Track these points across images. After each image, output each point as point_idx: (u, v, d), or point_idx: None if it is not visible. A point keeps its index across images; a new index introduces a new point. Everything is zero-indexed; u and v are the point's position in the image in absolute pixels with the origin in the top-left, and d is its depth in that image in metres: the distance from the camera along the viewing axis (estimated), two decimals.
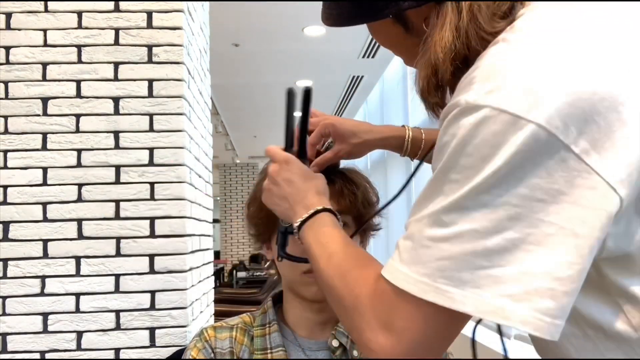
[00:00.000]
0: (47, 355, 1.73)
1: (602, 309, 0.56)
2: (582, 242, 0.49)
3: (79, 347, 1.75)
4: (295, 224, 0.73)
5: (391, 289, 0.55)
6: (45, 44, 1.82)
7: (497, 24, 0.56)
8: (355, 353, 0.87)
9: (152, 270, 1.79)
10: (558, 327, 0.49)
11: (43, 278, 1.76)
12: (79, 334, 1.75)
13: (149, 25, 1.84)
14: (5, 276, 1.75)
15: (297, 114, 0.83)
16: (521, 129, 0.48)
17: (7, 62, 1.80)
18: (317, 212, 0.73)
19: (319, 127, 0.90)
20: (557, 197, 0.49)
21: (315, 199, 0.75)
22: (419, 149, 0.94)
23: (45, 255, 1.76)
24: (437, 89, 0.61)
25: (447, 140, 0.53)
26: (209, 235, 2.28)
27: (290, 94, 0.82)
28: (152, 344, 1.77)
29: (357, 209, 0.87)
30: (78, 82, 1.82)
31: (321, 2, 0.72)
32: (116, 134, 1.81)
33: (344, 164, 0.96)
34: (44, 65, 1.81)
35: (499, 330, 0.80)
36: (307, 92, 0.81)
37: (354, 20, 0.66)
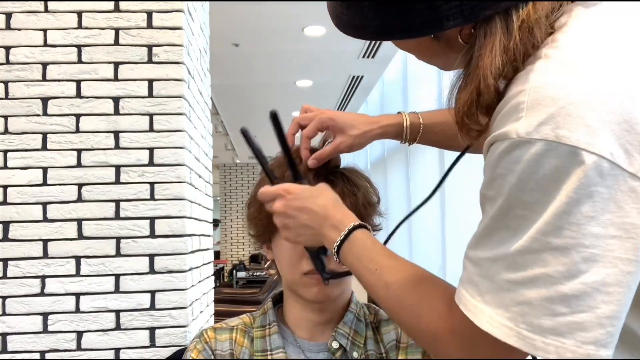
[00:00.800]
0: (47, 355, 1.73)
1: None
2: None
3: (79, 347, 1.75)
4: (333, 250, 0.72)
5: (472, 327, 0.54)
6: (45, 44, 1.81)
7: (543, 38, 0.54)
8: (355, 354, 0.87)
9: (152, 270, 1.79)
10: None
11: (43, 278, 1.76)
12: (79, 334, 1.75)
13: (149, 25, 1.84)
14: (5, 276, 1.75)
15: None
16: (583, 162, 0.46)
17: (7, 62, 1.80)
18: (349, 232, 0.71)
19: (315, 120, 0.89)
20: (631, 231, 0.47)
21: (339, 215, 0.74)
22: (417, 134, 0.94)
23: (45, 255, 1.76)
24: (479, 114, 0.58)
25: (502, 174, 0.52)
26: (209, 235, 2.28)
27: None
28: (152, 344, 1.77)
29: (358, 210, 0.87)
30: (78, 82, 1.82)
31: (321, 3, 0.67)
32: (116, 134, 1.81)
33: (344, 164, 0.96)
34: (44, 65, 1.81)
35: None
36: (274, 116, 0.80)
37: (392, 35, 0.60)
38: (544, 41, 0.54)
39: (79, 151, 1.80)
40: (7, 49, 1.80)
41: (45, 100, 1.80)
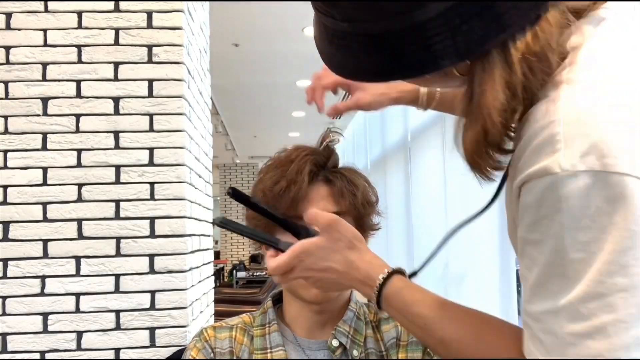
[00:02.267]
0: (47, 355, 1.73)
1: None
2: None
3: (79, 347, 1.75)
4: (374, 301, 0.67)
5: None
6: (45, 44, 1.82)
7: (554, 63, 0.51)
8: (354, 353, 0.87)
9: (152, 270, 1.79)
10: None
11: (43, 278, 1.76)
12: (79, 334, 1.75)
13: (149, 25, 1.84)
14: (5, 276, 1.75)
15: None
16: (634, 188, 0.44)
17: (7, 62, 1.80)
18: (381, 287, 0.66)
19: (335, 78, 0.88)
20: None
21: (363, 267, 0.68)
22: (433, 100, 0.93)
23: (45, 255, 1.76)
24: (487, 152, 0.54)
25: (548, 214, 0.48)
26: (209, 235, 2.28)
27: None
28: (152, 344, 1.77)
29: (357, 210, 0.86)
30: (78, 82, 1.82)
31: (318, 46, 0.60)
32: (116, 134, 1.81)
33: (342, 163, 0.96)
34: (44, 65, 1.81)
35: None
36: (233, 192, 0.72)
37: (388, 77, 0.57)
38: (559, 66, 0.52)
39: (79, 151, 1.80)
40: (7, 49, 1.80)
41: (45, 100, 1.80)
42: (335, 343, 0.87)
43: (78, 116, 1.81)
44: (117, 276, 1.78)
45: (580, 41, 0.52)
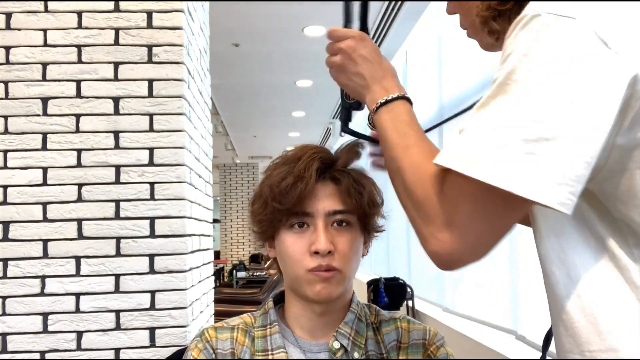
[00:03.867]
0: (47, 355, 1.73)
1: (607, 226, 0.60)
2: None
3: (79, 347, 1.75)
4: (374, 105, 0.74)
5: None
6: (45, 44, 1.81)
7: None
8: (355, 355, 0.87)
9: (152, 270, 1.79)
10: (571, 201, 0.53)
11: (43, 278, 1.76)
12: (79, 334, 1.75)
13: (149, 25, 1.84)
14: (5, 276, 1.75)
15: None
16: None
17: (7, 62, 1.80)
18: (398, 97, 0.74)
19: None
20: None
21: (393, 83, 0.76)
22: None
23: (45, 255, 1.76)
24: (499, 16, 0.68)
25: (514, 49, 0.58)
26: (209, 235, 2.28)
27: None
28: (152, 344, 1.77)
29: (362, 209, 0.86)
30: (78, 82, 1.82)
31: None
32: (116, 134, 1.81)
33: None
34: (44, 65, 1.81)
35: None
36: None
37: None
38: None
39: (79, 151, 1.80)
40: (7, 49, 1.80)
41: (45, 100, 1.80)
42: (336, 345, 0.86)
43: (78, 116, 1.81)
44: (117, 276, 1.78)
45: None
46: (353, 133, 0.86)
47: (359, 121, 1.33)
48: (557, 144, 0.53)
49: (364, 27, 0.85)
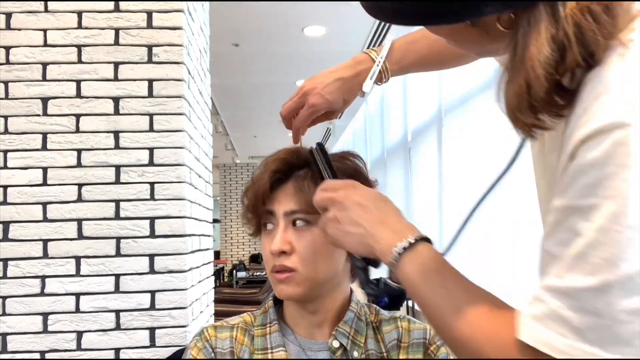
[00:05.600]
0: (47, 355, 1.73)
1: None
2: None
3: (79, 347, 1.75)
4: (389, 257, 0.61)
5: None
6: (45, 44, 1.81)
7: (613, 28, 0.47)
8: (355, 354, 0.87)
9: (152, 270, 1.79)
10: None
11: (43, 278, 1.76)
12: (79, 334, 1.75)
13: (149, 25, 1.84)
14: (5, 276, 1.75)
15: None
16: None
17: (7, 62, 1.80)
18: (417, 241, 0.61)
19: (303, 111, 0.89)
20: None
21: (402, 225, 0.64)
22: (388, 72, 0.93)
23: (45, 255, 1.76)
24: (530, 108, 0.51)
25: (613, 172, 0.44)
26: (209, 235, 2.28)
27: (313, 151, 0.83)
28: (152, 344, 1.77)
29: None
30: (78, 82, 1.82)
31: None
32: (116, 134, 1.81)
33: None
34: (44, 65, 1.81)
35: None
36: (320, 147, 0.82)
37: (428, 20, 0.55)
38: (625, 28, 0.48)
39: (79, 151, 1.80)
40: (7, 49, 1.80)
41: (45, 100, 1.80)
42: (336, 344, 0.86)
43: (78, 116, 1.81)
44: (117, 276, 1.78)
45: None
46: (392, 293, 0.77)
47: None
48: None
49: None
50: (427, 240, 0.62)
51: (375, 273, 0.77)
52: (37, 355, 1.73)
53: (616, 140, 0.43)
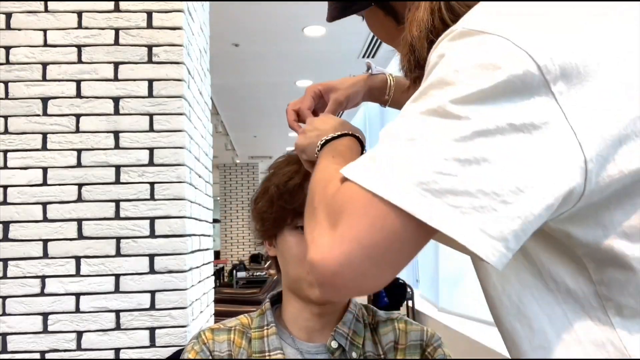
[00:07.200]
0: (47, 355, 1.73)
1: (567, 265, 0.52)
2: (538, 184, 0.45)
3: (79, 347, 1.75)
4: (320, 142, 0.73)
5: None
6: (45, 44, 1.82)
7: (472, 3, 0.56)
8: (353, 355, 0.86)
9: (152, 270, 1.79)
10: (504, 255, 0.44)
11: (43, 278, 1.76)
12: (79, 334, 1.75)
13: (149, 25, 1.84)
14: (5, 276, 1.75)
15: None
16: (521, 61, 0.45)
17: (7, 62, 1.80)
18: (344, 134, 0.74)
19: (306, 94, 0.91)
20: (524, 131, 0.45)
21: (347, 127, 0.76)
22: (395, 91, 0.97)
23: (45, 255, 1.76)
24: (417, 67, 0.60)
25: (435, 62, 0.50)
26: (209, 235, 2.28)
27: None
28: (152, 344, 1.77)
29: None
30: (78, 82, 1.82)
31: (321, 3, 0.76)
32: (116, 134, 1.81)
33: None
34: (44, 65, 1.81)
35: None
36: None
37: (344, 12, 0.73)
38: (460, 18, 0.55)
39: (79, 151, 1.80)
40: (7, 49, 1.80)
41: (45, 100, 1.80)
42: (334, 345, 0.86)
43: (78, 116, 1.81)
44: (117, 276, 1.78)
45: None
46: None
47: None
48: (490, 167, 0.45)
49: None
50: (360, 140, 0.74)
51: None
52: (37, 355, 1.73)
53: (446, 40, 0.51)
